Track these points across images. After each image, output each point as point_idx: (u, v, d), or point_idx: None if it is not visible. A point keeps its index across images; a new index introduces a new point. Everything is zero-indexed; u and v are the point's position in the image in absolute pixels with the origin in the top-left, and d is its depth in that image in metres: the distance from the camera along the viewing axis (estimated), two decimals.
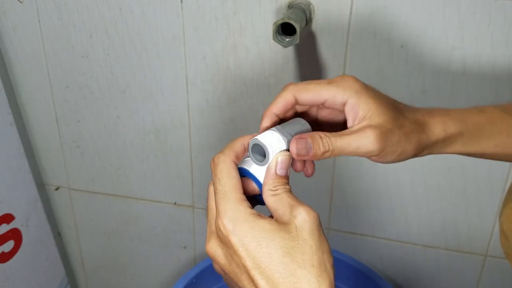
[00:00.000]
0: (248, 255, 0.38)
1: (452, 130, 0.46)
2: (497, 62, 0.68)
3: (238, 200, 0.40)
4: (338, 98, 0.44)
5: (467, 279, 0.87)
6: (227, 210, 0.39)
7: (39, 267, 0.96)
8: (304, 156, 0.42)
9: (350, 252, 0.89)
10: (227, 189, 0.40)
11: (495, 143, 0.47)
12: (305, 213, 0.39)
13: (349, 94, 0.44)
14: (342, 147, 0.43)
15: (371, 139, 0.42)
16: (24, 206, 0.90)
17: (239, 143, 0.44)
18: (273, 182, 0.41)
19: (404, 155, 0.44)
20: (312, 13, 0.69)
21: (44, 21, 0.80)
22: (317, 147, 0.42)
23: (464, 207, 0.80)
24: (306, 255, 0.37)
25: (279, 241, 0.38)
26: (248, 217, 0.39)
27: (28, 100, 0.89)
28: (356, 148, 0.43)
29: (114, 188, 0.95)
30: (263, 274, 0.37)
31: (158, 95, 0.82)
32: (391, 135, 0.43)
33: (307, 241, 0.38)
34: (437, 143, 0.46)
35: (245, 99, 0.79)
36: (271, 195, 0.41)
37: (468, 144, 0.47)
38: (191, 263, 1.01)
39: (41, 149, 0.94)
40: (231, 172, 0.41)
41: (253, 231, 0.38)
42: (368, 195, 0.83)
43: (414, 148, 0.44)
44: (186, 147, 0.86)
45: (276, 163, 0.42)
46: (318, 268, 0.37)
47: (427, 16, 0.66)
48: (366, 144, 0.42)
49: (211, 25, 0.74)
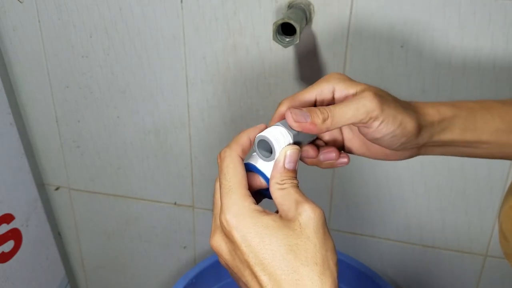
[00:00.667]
0: (251, 251, 0.38)
1: (446, 113, 0.45)
2: (497, 62, 0.68)
3: (243, 196, 0.40)
4: (325, 89, 0.45)
5: (467, 279, 0.87)
6: (231, 206, 0.39)
7: (39, 267, 0.96)
8: (303, 122, 0.41)
9: (350, 252, 0.89)
10: (232, 185, 0.40)
11: (490, 128, 0.46)
12: (311, 210, 0.39)
13: (333, 82, 0.45)
14: (341, 111, 0.42)
15: (369, 97, 0.42)
16: (24, 206, 0.90)
17: (245, 137, 0.44)
18: (280, 176, 0.41)
19: (406, 129, 0.43)
20: (312, 13, 0.69)
21: (44, 21, 0.80)
22: (315, 114, 0.42)
23: (464, 207, 0.80)
24: (310, 252, 0.37)
25: (283, 238, 0.38)
26: (252, 213, 0.39)
27: (28, 100, 0.89)
28: (356, 110, 0.42)
29: (114, 188, 0.95)
30: (265, 270, 0.37)
31: (158, 95, 0.82)
32: (387, 101, 0.43)
33: (311, 238, 0.38)
34: (434, 125, 0.45)
35: (245, 99, 0.79)
36: (278, 188, 0.41)
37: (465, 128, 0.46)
38: (191, 263, 1.01)
39: (41, 149, 0.94)
40: (237, 167, 0.41)
41: (257, 227, 0.38)
42: (368, 195, 0.83)
43: (414, 123, 0.43)
44: (186, 147, 0.86)
45: (284, 156, 0.42)
46: (322, 266, 0.37)
47: (427, 16, 0.66)
48: (366, 103, 0.42)
49: (211, 25, 0.74)
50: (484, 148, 0.48)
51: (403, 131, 0.43)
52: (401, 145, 0.45)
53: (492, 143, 0.47)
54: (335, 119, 0.42)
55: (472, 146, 0.47)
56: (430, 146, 0.47)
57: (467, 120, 0.46)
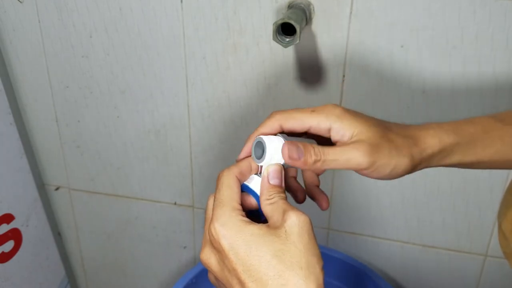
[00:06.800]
0: (238, 258, 0.39)
1: (447, 141, 0.46)
2: (497, 62, 0.68)
3: (232, 208, 0.41)
4: (322, 125, 0.45)
5: (467, 279, 0.87)
6: (220, 216, 0.41)
7: (39, 267, 0.96)
8: (295, 159, 0.43)
9: (350, 252, 0.89)
10: (224, 198, 0.42)
11: (492, 151, 0.47)
12: (295, 217, 0.40)
13: (332, 120, 0.45)
14: (333, 157, 0.43)
15: (361, 152, 0.43)
16: (24, 206, 0.90)
17: (246, 162, 0.46)
18: (268, 192, 0.43)
19: (400, 170, 0.45)
20: (312, 13, 0.69)
21: (44, 21, 0.80)
22: (308, 154, 0.43)
23: (464, 207, 0.80)
24: (295, 257, 0.38)
25: (268, 244, 0.39)
26: (239, 222, 0.40)
27: (28, 100, 0.89)
28: (347, 160, 0.43)
29: (114, 188, 0.95)
30: (252, 277, 0.38)
31: (158, 95, 0.82)
32: (381, 148, 0.44)
33: (296, 244, 0.39)
34: (434, 156, 0.46)
35: (245, 99, 0.79)
36: (267, 204, 0.43)
37: (465, 154, 0.47)
38: (191, 263, 1.01)
39: (41, 149, 0.94)
40: (231, 184, 0.43)
41: (243, 234, 0.39)
42: (368, 195, 0.83)
43: (409, 162, 0.45)
44: (186, 147, 0.86)
45: (267, 173, 0.44)
46: (307, 269, 0.38)
47: (427, 16, 0.66)
48: (357, 156, 0.43)
49: (211, 25, 0.74)
50: (484, 166, 0.49)
51: (398, 171, 0.45)
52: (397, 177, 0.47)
53: (492, 163, 0.48)
54: (326, 164, 0.44)
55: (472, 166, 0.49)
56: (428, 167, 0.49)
57: (467, 147, 0.47)
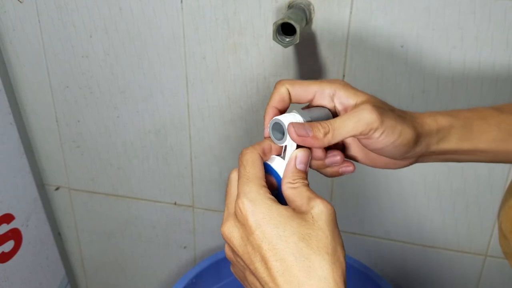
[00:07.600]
0: (265, 236, 0.39)
1: (443, 122, 0.46)
2: (497, 62, 0.68)
3: (260, 185, 0.42)
4: (326, 90, 0.46)
5: (467, 279, 0.87)
6: (248, 192, 0.41)
7: (39, 267, 0.96)
8: (304, 135, 0.43)
9: (350, 252, 0.89)
10: (250, 175, 0.42)
11: (489, 138, 0.47)
12: (323, 205, 0.40)
13: (336, 87, 0.46)
14: (342, 125, 0.43)
15: (368, 109, 0.43)
16: (24, 206, 0.90)
17: (268, 142, 0.46)
18: (292, 175, 0.43)
19: (405, 139, 0.44)
20: (312, 13, 0.69)
21: (44, 21, 0.80)
22: (316, 129, 0.43)
23: (464, 207, 0.80)
24: (321, 242, 0.38)
25: (296, 227, 0.39)
26: (268, 201, 0.40)
27: (28, 100, 0.89)
28: (357, 122, 0.43)
29: (114, 188, 0.95)
30: (277, 255, 0.38)
31: (158, 95, 0.82)
32: (387, 112, 0.44)
33: (323, 230, 0.39)
34: (432, 134, 0.46)
35: (245, 99, 0.79)
36: (289, 187, 0.43)
37: (462, 138, 0.47)
38: (191, 263, 1.01)
39: (41, 149, 0.94)
40: (256, 162, 0.43)
41: (271, 213, 0.40)
42: (368, 195, 0.83)
43: (412, 131, 0.44)
44: (186, 147, 0.86)
45: (295, 157, 0.44)
46: (333, 255, 0.38)
47: (427, 16, 0.66)
48: (366, 115, 0.43)
49: (211, 25, 0.74)
50: (482, 156, 0.49)
51: (403, 140, 0.44)
52: (401, 154, 0.46)
53: (489, 151, 0.48)
54: (336, 132, 0.43)
55: (470, 154, 0.48)
56: (428, 155, 0.48)
57: (463, 130, 0.47)
